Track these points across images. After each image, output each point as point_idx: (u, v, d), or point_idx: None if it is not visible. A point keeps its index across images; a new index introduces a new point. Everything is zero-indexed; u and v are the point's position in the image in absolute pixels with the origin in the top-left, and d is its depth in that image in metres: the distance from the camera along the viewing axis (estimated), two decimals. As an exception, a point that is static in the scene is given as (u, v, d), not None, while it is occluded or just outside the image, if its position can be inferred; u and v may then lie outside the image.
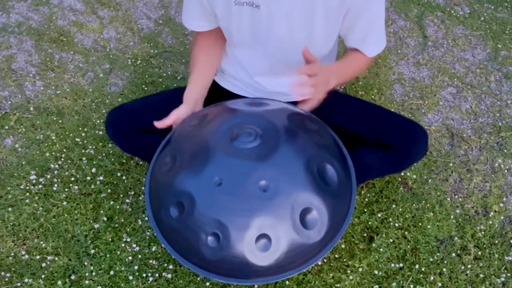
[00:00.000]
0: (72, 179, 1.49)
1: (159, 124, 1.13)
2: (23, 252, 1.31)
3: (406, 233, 1.39)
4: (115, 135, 1.29)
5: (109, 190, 1.46)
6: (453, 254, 1.35)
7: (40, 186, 1.47)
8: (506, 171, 1.58)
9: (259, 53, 1.17)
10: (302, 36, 1.11)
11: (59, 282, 1.25)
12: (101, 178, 1.49)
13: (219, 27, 1.20)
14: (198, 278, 1.27)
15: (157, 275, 1.28)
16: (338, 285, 1.27)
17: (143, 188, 1.48)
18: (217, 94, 1.33)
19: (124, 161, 1.55)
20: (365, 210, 1.44)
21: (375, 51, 1.18)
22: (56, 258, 1.30)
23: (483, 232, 1.41)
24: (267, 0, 1.05)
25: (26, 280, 1.25)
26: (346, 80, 1.25)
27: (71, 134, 1.62)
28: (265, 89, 1.26)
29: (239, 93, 1.32)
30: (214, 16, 1.15)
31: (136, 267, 1.29)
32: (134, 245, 1.34)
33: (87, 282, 1.26)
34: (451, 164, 1.59)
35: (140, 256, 1.32)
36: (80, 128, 1.64)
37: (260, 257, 0.94)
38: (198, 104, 1.21)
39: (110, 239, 1.35)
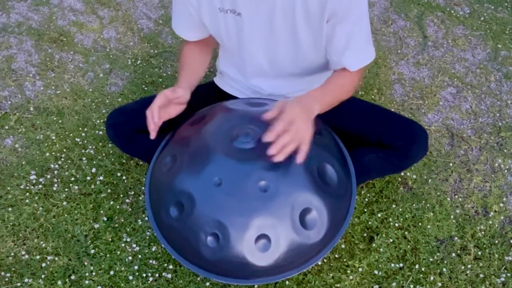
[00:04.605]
0: (72, 179, 1.49)
1: (153, 129, 1.05)
2: (23, 252, 1.31)
3: (406, 233, 1.39)
4: (116, 136, 1.29)
5: (109, 190, 1.46)
6: (453, 254, 1.35)
7: (40, 186, 1.47)
8: (506, 171, 1.58)
9: (250, 57, 1.18)
10: (286, 40, 1.10)
11: (59, 282, 1.25)
12: (101, 178, 1.49)
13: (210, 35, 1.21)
14: (198, 278, 1.27)
15: (157, 275, 1.28)
16: (338, 285, 1.27)
17: (143, 188, 1.48)
18: (216, 95, 1.34)
19: (124, 161, 1.55)
20: (365, 210, 1.44)
21: (358, 64, 1.10)
22: (56, 258, 1.30)
23: (483, 232, 1.41)
24: (247, 7, 1.05)
25: (26, 280, 1.25)
26: (332, 103, 1.09)
27: (71, 134, 1.62)
28: (263, 91, 1.26)
29: (238, 95, 1.33)
30: (204, 25, 1.16)
31: (136, 267, 1.29)
32: (134, 245, 1.34)
33: (87, 282, 1.26)
34: (451, 164, 1.59)
35: (140, 256, 1.32)
36: (80, 128, 1.64)
37: (260, 257, 0.94)
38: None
39: (110, 239, 1.35)
